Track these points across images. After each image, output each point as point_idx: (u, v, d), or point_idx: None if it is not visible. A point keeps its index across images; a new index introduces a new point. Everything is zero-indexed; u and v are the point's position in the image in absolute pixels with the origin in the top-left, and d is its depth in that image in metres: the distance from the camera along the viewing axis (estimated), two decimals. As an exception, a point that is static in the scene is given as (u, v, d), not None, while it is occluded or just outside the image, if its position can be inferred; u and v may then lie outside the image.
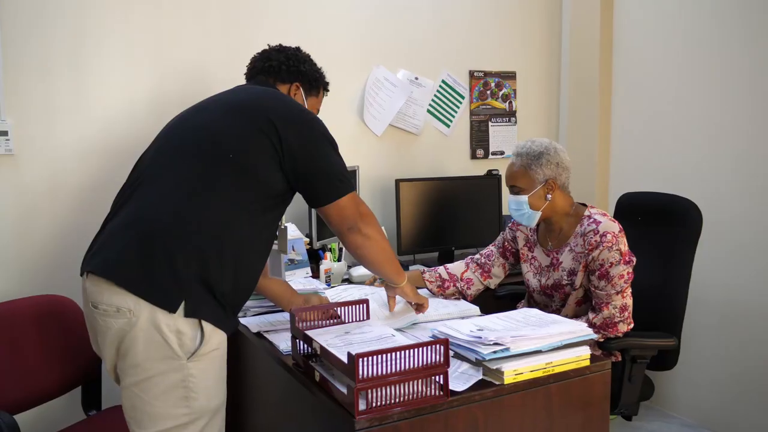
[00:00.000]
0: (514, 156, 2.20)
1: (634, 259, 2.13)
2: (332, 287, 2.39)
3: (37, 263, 2.41)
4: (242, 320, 2.06)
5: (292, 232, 2.68)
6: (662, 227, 2.42)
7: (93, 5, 2.46)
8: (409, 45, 3.17)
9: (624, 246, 2.10)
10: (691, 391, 3.10)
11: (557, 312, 2.25)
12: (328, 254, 2.56)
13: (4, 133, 2.34)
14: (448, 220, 3.09)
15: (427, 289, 2.33)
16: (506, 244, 2.41)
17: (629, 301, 2.11)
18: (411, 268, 2.89)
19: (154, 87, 2.60)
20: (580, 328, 1.62)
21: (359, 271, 2.64)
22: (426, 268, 2.40)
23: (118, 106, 2.53)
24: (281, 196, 1.73)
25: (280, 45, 2.02)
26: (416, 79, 3.19)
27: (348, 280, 2.63)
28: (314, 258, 2.65)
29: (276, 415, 1.93)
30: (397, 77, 3.13)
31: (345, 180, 1.75)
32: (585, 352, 1.62)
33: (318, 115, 2.03)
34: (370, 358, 1.33)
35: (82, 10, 2.44)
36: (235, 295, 1.68)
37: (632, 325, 2.13)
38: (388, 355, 1.36)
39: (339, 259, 2.65)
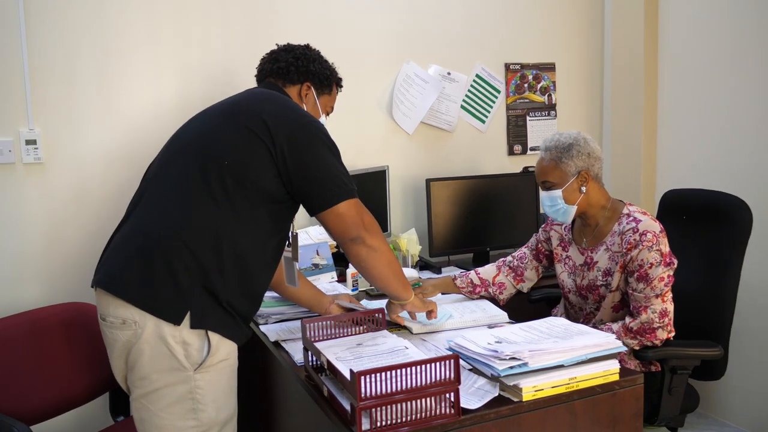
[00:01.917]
0: (542, 150, 2.11)
1: (675, 262, 2.00)
2: (368, 295, 2.31)
3: (66, 270, 2.43)
4: (262, 327, 2.03)
5: (318, 235, 2.63)
6: (709, 227, 2.26)
7: (117, 13, 2.46)
8: (440, 39, 3.07)
9: (665, 247, 1.97)
10: (743, 399, 2.90)
11: (592, 315, 2.15)
12: (355, 258, 2.50)
13: (33, 142, 2.37)
14: (482, 220, 2.99)
15: (459, 292, 2.27)
16: (539, 245, 2.31)
17: (670, 306, 1.98)
18: (444, 270, 2.80)
19: (179, 93, 2.59)
20: (607, 341, 1.50)
21: (388, 274, 2.57)
22: (457, 273, 2.32)
23: (143, 112, 2.53)
24: (284, 203, 1.67)
25: (288, 44, 1.96)
26: (448, 74, 3.09)
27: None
28: (342, 261, 2.59)
29: (290, 428, 1.89)
30: (428, 73, 3.04)
31: (343, 185, 1.65)
32: (613, 365, 1.50)
33: (334, 114, 2.01)
34: (372, 375, 1.26)
35: (107, 18, 2.45)
36: (243, 304, 1.64)
37: (673, 333, 2.00)
38: (394, 372, 1.29)
39: (367, 263, 2.58)
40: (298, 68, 1.89)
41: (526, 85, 3.30)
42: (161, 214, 1.59)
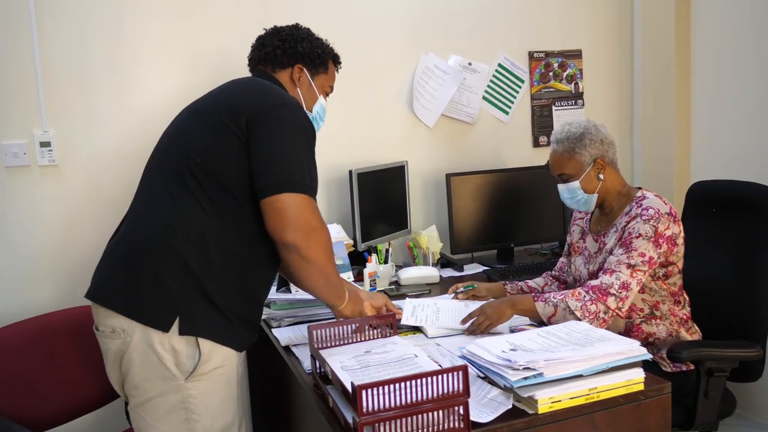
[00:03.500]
0: (554, 143, 2.06)
1: (664, 247, 1.87)
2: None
3: (81, 272, 2.40)
4: (275, 331, 1.98)
5: (335, 234, 2.57)
6: (741, 219, 2.14)
7: (128, 14, 2.43)
8: (460, 28, 2.96)
9: (664, 228, 1.87)
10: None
11: None
12: (373, 256, 2.43)
13: (47, 144, 2.35)
14: (506, 216, 2.88)
15: None
16: (569, 249, 2.25)
17: (635, 285, 1.84)
18: (466, 267, 2.71)
19: (192, 92, 2.51)
20: (630, 348, 1.41)
21: (408, 273, 2.50)
22: (507, 282, 2.28)
23: (156, 112, 2.49)
24: None
25: (275, 27, 1.86)
26: (469, 64, 2.99)
27: (396, 283, 2.49)
28: (360, 261, 2.52)
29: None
30: (448, 64, 2.94)
31: (296, 176, 1.49)
32: (638, 374, 1.41)
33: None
34: (375, 389, 1.19)
35: (118, 20, 2.42)
36: (242, 305, 1.57)
37: (698, 334, 1.89)
38: (398, 384, 1.21)
39: (386, 261, 2.51)
40: (285, 51, 1.78)
41: (551, 73, 3.18)
42: (145, 219, 1.55)
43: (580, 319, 1.75)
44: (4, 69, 2.29)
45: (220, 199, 1.51)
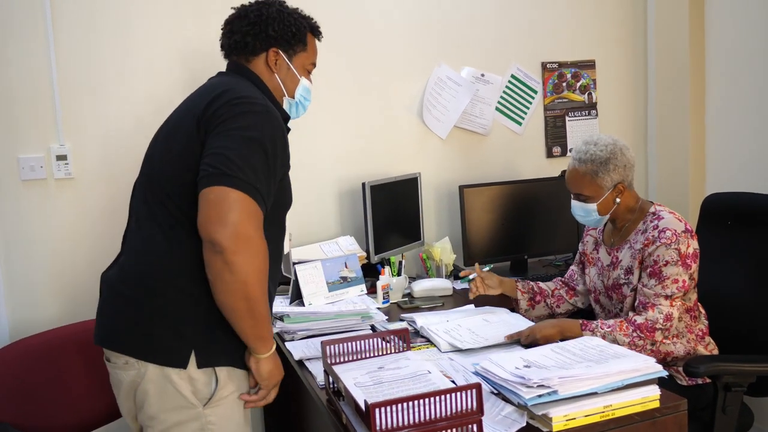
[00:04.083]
0: (576, 162, 2.01)
1: (693, 265, 1.90)
2: (400, 308, 2.24)
3: (97, 286, 2.42)
4: (288, 344, 1.98)
5: (348, 246, 2.58)
6: (756, 232, 2.13)
7: (143, 27, 2.45)
8: (473, 40, 2.97)
9: (685, 248, 1.88)
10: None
11: (616, 316, 2.06)
12: (386, 269, 2.43)
13: (63, 158, 2.38)
14: (519, 227, 2.87)
15: (517, 298, 2.23)
16: (582, 258, 2.26)
17: (675, 312, 1.88)
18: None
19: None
20: (645, 365, 1.39)
21: (421, 285, 2.50)
22: (519, 279, 2.30)
23: (171, 124, 2.52)
24: None
25: (242, 7, 1.68)
26: (482, 75, 2.99)
27: (409, 295, 2.49)
28: (373, 273, 2.52)
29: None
30: (461, 75, 2.94)
31: (243, 175, 1.34)
32: (654, 392, 1.40)
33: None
34: (388, 407, 1.19)
35: (134, 33, 2.44)
36: None
37: (715, 349, 1.87)
38: (411, 403, 1.21)
39: (399, 273, 2.51)
40: (256, 36, 1.62)
41: (564, 84, 3.17)
42: (142, 257, 1.48)
43: None
44: (21, 83, 2.32)
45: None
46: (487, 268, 2.22)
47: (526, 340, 1.84)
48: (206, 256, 1.35)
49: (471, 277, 2.20)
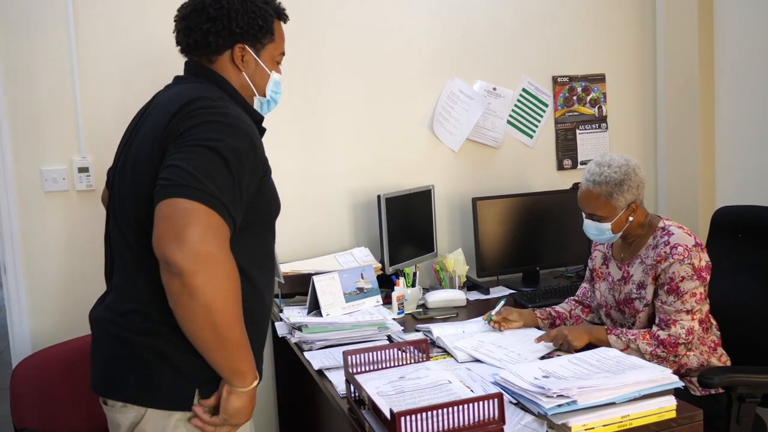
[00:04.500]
0: (591, 183, 2.03)
1: (708, 277, 1.94)
2: (415, 319, 2.27)
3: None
4: (306, 354, 2.01)
5: (363, 257, 2.62)
6: (767, 245, 2.14)
7: (167, 38, 2.50)
8: (485, 54, 3.01)
9: (698, 261, 1.92)
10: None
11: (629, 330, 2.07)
12: (401, 280, 2.46)
13: (85, 170, 2.43)
14: (531, 239, 2.91)
15: (539, 327, 2.19)
16: (592, 274, 2.28)
17: (696, 325, 1.93)
18: (492, 290, 2.73)
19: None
20: (662, 376, 1.43)
21: (435, 296, 2.53)
22: (535, 308, 2.30)
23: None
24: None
25: (189, 1, 1.49)
26: (494, 89, 3.03)
27: (424, 306, 2.52)
28: (388, 284, 2.56)
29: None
30: (473, 89, 2.99)
31: (200, 184, 1.19)
32: (670, 402, 1.43)
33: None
34: (413, 416, 1.22)
35: (156, 44, 2.49)
36: (254, 342, 1.37)
37: (728, 360, 1.90)
38: (435, 411, 1.25)
39: (413, 284, 2.54)
40: (218, 34, 1.44)
41: (575, 97, 3.22)
42: (129, 295, 1.34)
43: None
44: (45, 99, 2.38)
45: None
46: (502, 303, 2.16)
47: (557, 342, 1.89)
48: (163, 278, 1.19)
49: (494, 313, 2.13)
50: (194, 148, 1.24)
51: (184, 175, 1.19)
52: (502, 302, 2.17)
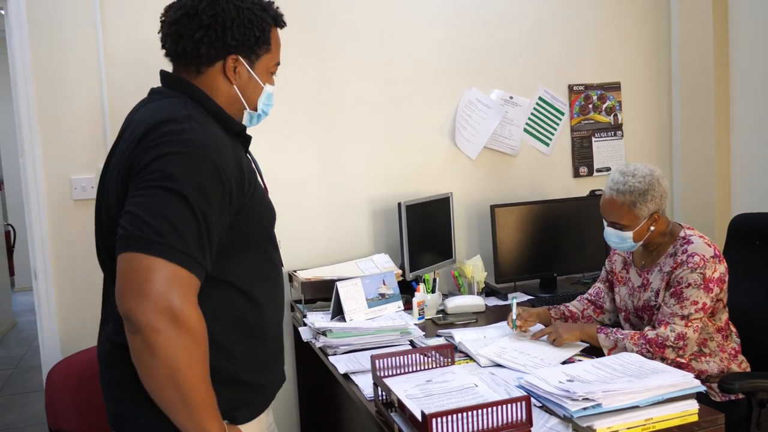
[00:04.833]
0: (614, 192, 2.04)
1: (721, 288, 1.96)
2: (435, 324, 2.31)
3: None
4: (331, 359, 2.06)
5: (384, 264, 2.66)
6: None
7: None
8: (502, 64, 3.06)
9: (711, 272, 1.94)
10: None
11: None
12: (421, 286, 2.51)
13: (113, 179, 2.49)
14: (549, 245, 2.95)
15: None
16: (609, 276, 2.30)
17: (691, 334, 1.91)
18: (510, 296, 2.76)
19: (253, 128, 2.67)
20: (684, 380, 1.46)
21: (455, 302, 2.57)
22: (551, 307, 2.33)
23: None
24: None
25: (179, 4, 1.38)
26: (511, 98, 3.08)
27: (443, 312, 2.56)
28: (408, 290, 2.60)
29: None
30: (490, 98, 3.03)
31: (157, 237, 1.12)
32: (692, 406, 1.46)
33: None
34: (444, 418, 1.27)
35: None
36: (267, 366, 1.39)
37: (747, 367, 1.92)
38: (465, 413, 1.29)
39: (433, 291, 2.59)
40: (211, 45, 1.34)
41: (590, 105, 3.25)
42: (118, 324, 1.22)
43: None
44: (73, 107, 2.46)
45: None
46: (514, 303, 2.16)
47: (551, 337, 2.01)
48: (127, 334, 1.13)
49: (515, 317, 2.14)
50: (153, 190, 1.16)
51: (143, 227, 1.12)
52: (515, 302, 2.20)
